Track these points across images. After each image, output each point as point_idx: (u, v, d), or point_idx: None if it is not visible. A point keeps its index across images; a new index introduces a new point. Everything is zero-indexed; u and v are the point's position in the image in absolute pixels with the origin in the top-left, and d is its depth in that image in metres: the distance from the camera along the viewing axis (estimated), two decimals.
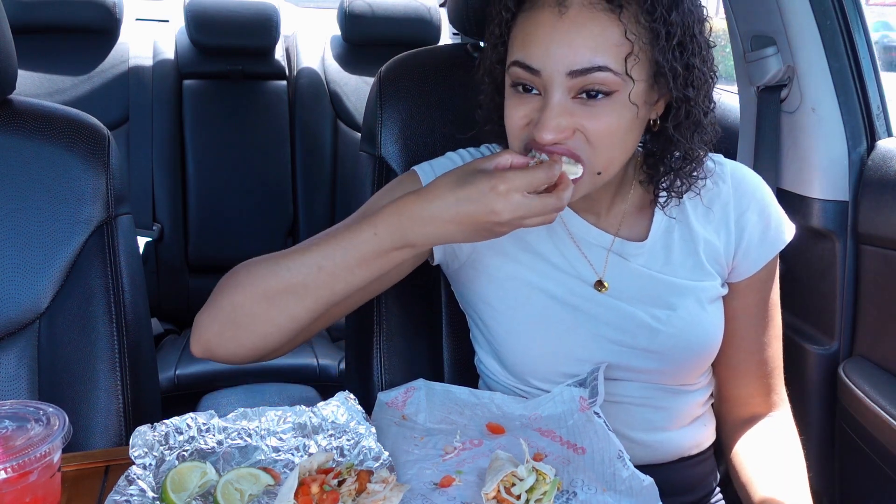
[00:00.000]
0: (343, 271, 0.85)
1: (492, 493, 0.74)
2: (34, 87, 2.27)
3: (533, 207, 0.79)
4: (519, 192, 0.78)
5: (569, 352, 0.96)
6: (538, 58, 0.83)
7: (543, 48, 0.83)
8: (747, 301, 1.02)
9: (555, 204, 0.80)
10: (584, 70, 0.81)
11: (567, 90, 0.83)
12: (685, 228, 0.99)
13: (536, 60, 0.83)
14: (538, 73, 0.83)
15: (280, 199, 2.44)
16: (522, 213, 0.79)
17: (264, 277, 0.87)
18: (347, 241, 0.84)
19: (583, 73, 0.81)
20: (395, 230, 0.82)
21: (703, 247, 0.99)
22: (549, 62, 0.82)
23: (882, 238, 1.24)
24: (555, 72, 0.82)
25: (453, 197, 0.80)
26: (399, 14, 2.54)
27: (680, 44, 0.84)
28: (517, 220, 0.79)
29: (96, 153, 1.10)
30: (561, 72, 0.82)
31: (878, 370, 1.23)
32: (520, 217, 0.79)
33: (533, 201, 0.79)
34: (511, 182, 0.78)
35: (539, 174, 0.79)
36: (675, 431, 1.01)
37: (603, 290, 0.97)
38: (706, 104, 0.90)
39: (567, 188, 0.81)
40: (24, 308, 1.06)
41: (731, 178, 1.01)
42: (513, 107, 0.88)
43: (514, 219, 0.79)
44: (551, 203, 0.80)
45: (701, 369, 1.01)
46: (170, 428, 0.81)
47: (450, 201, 0.80)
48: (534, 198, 0.79)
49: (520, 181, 0.78)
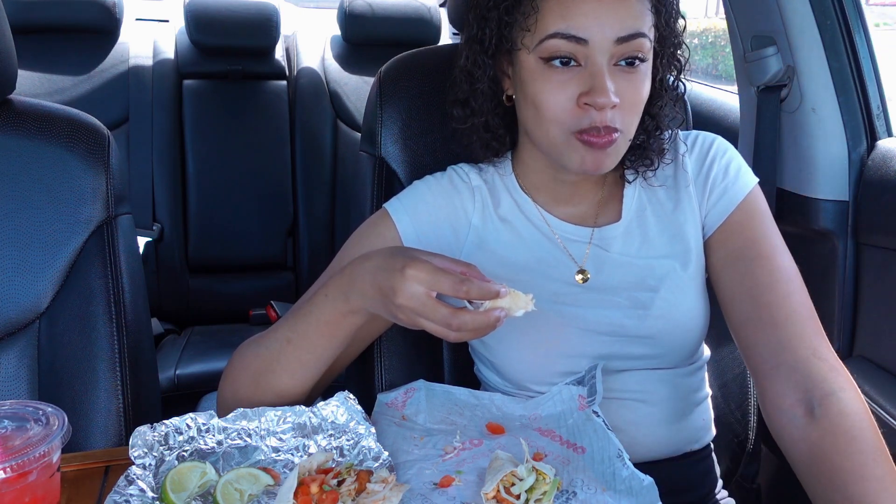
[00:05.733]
0: (306, 341, 0.88)
1: (491, 492, 0.74)
2: (34, 87, 2.27)
3: (426, 307, 0.76)
4: (421, 285, 0.76)
5: (561, 351, 0.97)
6: (585, 27, 0.85)
7: (593, 16, 0.85)
8: (734, 245, 0.97)
9: (446, 318, 0.76)
10: (630, 36, 0.86)
11: (611, 57, 0.86)
12: (655, 202, 1.01)
13: (583, 29, 0.85)
14: (584, 42, 0.85)
15: (280, 199, 2.45)
16: (416, 307, 0.76)
17: (250, 360, 0.91)
18: (307, 310, 0.88)
19: (628, 39, 0.86)
20: (341, 293, 0.85)
21: (677, 214, 1.00)
22: (597, 30, 0.85)
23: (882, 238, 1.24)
24: (603, 39, 0.85)
25: (375, 265, 0.81)
26: (399, 14, 2.54)
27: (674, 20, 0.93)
28: (412, 311, 0.77)
29: (96, 153, 1.10)
30: (610, 38, 0.85)
31: (878, 370, 1.23)
32: (413, 310, 0.77)
33: (428, 303, 0.76)
34: (420, 271, 0.76)
35: (445, 279, 0.76)
36: (674, 425, 1.01)
37: (585, 278, 0.98)
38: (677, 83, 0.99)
39: (481, 320, 0.76)
40: (24, 308, 1.06)
41: (692, 144, 1.03)
42: (553, 86, 0.87)
43: (408, 307, 0.77)
44: (443, 315, 0.76)
45: (694, 344, 1.01)
46: (169, 428, 0.81)
47: (371, 268, 0.81)
48: (433, 301, 0.76)
49: (426, 275, 0.76)
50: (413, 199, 1.01)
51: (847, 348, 1.32)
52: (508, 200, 1.03)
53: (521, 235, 1.01)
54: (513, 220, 1.02)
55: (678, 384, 1.01)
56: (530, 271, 0.99)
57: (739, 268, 0.96)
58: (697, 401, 1.04)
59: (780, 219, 1.31)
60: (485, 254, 1.00)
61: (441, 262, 0.79)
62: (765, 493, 1.40)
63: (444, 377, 1.15)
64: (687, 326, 0.98)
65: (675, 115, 1.00)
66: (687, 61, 0.98)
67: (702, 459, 1.05)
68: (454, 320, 0.76)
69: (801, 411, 0.84)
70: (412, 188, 1.04)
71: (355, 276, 0.83)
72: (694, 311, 0.98)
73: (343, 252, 1.01)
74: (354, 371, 1.17)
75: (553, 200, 1.02)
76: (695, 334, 1.00)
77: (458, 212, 1.02)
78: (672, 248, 0.99)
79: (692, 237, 1.00)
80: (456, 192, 1.02)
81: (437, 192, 1.02)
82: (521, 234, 1.01)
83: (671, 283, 0.97)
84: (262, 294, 2.32)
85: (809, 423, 0.83)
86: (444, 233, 1.01)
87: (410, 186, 1.04)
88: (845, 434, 0.80)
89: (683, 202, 1.01)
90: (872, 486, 0.76)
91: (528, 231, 1.01)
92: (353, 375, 1.19)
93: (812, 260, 1.34)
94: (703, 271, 1.01)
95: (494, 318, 0.77)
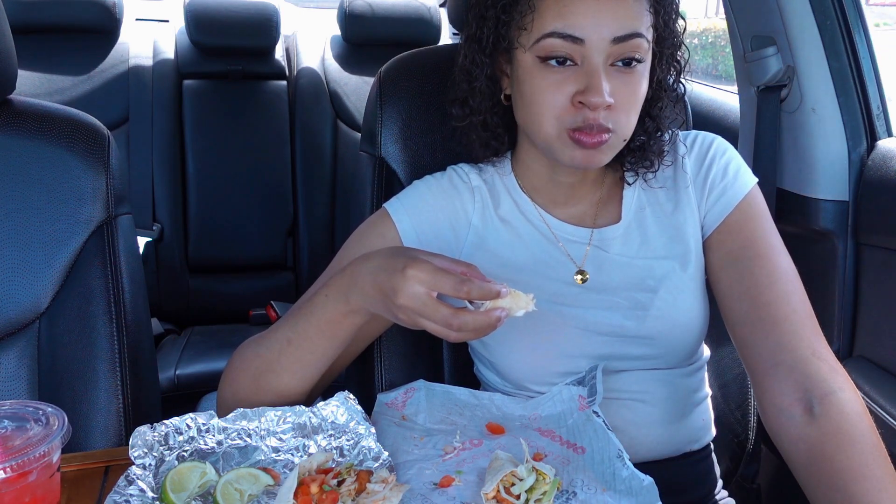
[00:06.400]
0: (306, 341, 0.88)
1: (491, 493, 0.74)
2: (34, 87, 2.27)
3: (427, 307, 0.76)
4: (422, 285, 0.76)
5: (560, 351, 0.97)
6: (582, 26, 0.85)
7: (590, 16, 0.85)
8: (733, 245, 0.98)
9: (447, 318, 0.76)
10: (627, 36, 0.85)
11: (607, 57, 0.86)
12: (655, 203, 1.01)
13: (580, 29, 0.85)
14: (581, 41, 0.85)
15: (280, 199, 2.45)
16: (417, 307, 0.76)
17: (251, 360, 0.91)
18: (307, 310, 0.88)
19: (624, 39, 0.85)
20: (342, 293, 0.85)
21: (676, 215, 1.00)
22: (593, 30, 0.85)
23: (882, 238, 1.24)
24: (600, 39, 0.85)
25: (376, 265, 0.81)
26: (399, 14, 2.54)
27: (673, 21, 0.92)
28: (412, 311, 0.77)
29: (96, 153, 1.10)
30: (606, 38, 0.85)
31: (878, 370, 1.23)
32: (413, 310, 0.77)
33: (429, 303, 0.76)
34: (421, 271, 0.76)
35: (446, 280, 0.75)
36: (674, 426, 1.01)
37: (584, 279, 0.98)
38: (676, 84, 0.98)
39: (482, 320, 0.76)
40: (24, 308, 1.06)
41: (691, 144, 1.03)
42: (549, 85, 0.87)
43: (408, 307, 0.77)
44: (444, 315, 0.76)
45: (694, 344, 1.00)
46: (169, 428, 0.81)
47: (372, 268, 0.81)
48: (434, 301, 0.76)
49: (427, 275, 0.76)
50: (413, 199, 1.01)
51: (847, 348, 1.32)
52: (508, 201, 1.03)
53: (520, 236, 1.01)
54: (512, 220, 1.02)
55: (678, 384, 1.01)
56: (529, 272, 0.99)
57: (738, 267, 0.96)
58: (697, 401, 1.04)
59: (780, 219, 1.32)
60: (484, 254, 1.00)
61: (442, 262, 0.79)
62: (765, 493, 1.40)
63: (444, 377, 1.15)
64: (686, 327, 0.98)
65: (676, 116, 1.00)
66: (687, 62, 0.98)
67: (702, 459, 1.05)
68: (455, 320, 0.76)
69: (799, 411, 0.84)
70: (412, 188, 1.04)
71: (356, 276, 0.83)
72: (693, 311, 0.98)
73: (343, 252, 1.01)
74: (354, 371, 1.17)
75: (552, 201, 1.02)
76: (694, 335, 1.00)
77: (458, 212, 1.02)
78: (671, 248, 0.99)
79: (691, 238, 1.00)
80: (456, 192, 1.02)
81: (437, 192, 1.02)
82: (521, 235, 1.01)
83: (670, 284, 0.97)
84: (262, 294, 2.33)
85: (808, 422, 0.83)
86: (443, 233, 1.01)
87: (410, 186, 1.04)
88: (845, 434, 0.80)
89: (683, 203, 1.01)
90: (872, 486, 0.76)
91: (528, 231, 1.01)
92: (353, 375, 1.19)
93: (812, 260, 1.34)
94: (702, 272, 1.01)
95: (495, 318, 0.77)
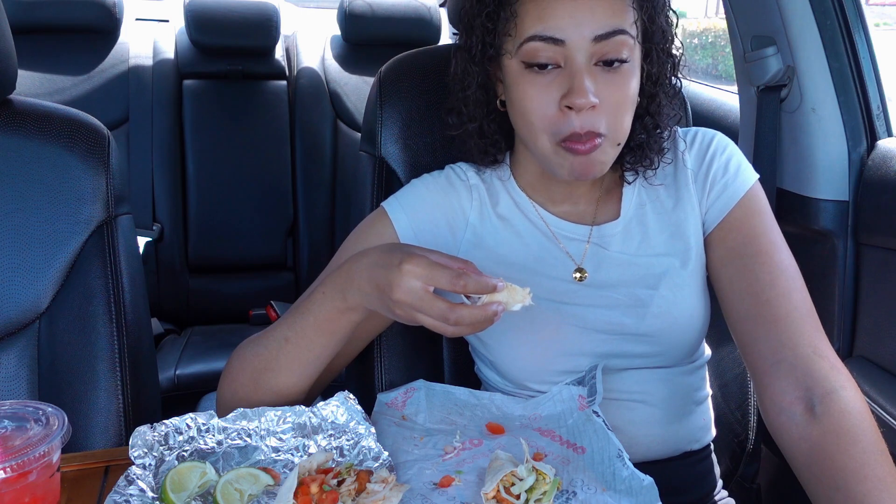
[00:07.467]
0: (304, 339, 0.88)
1: (491, 492, 0.74)
2: (34, 87, 2.27)
3: (424, 302, 0.76)
4: (418, 280, 0.76)
5: (560, 349, 0.96)
6: (561, 27, 0.84)
7: (568, 16, 0.84)
8: (734, 242, 0.97)
9: (443, 312, 0.75)
10: (608, 34, 0.84)
11: (590, 57, 0.85)
12: (655, 200, 1.01)
13: (559, 30, 0.84)
14: (561, 42, 0.85)
15: (280, 199, 2.45)
16: (413, 302, 0.76)
17: (250, 360, 0.91)
18: (305, 308, 0.88)
19: (606, 37, 0.84)
20: (338, 291, 0.85)
21: (676, 212, 1.00)
22: (573, 30, 0.84)
23: (882, 238, 1.24)
24: (580, 38, 0.84)
25: (371, 261, 0.81)
26: (399, 14, 2.54)
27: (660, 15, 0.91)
28: (409, 306, 0.77)
29: (96, 153, 1.10)
30: (587, 38, 0.84)
31: (878, 370, 1.23)
32: (410, 305, 0.77)
33: (425, 297, 0.76)
34: (417, 266, 0.76)
35: (442, 274, 0.75)
36: (674, 425, 1.01)
37: (583, 277, 0.98)
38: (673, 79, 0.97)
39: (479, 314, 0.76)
40: (24, 308, 1.06)
41: (692, 141, 1.03)
42: (536, 91, 0.87)
43: (405, 302, 0.77)
44: (441, 309, 0.76)
45: (694, 342, 1.00)
46: (169, 428, 0.81)
47: (368, 264, 0.81)
48: (430, 296, 0.76)
49: (423, 270, 0.76)
50: (410, 198, 1.01)
51: (847, 348, 1.32)
52: (506, 199, 1.03)
53: (519, 233, 1.01)
54: (511, 218, 1.02)
55: (678, 383, 1.01)
56: (528, 269, 0.99)
57: (739, 264, 0.96)
58: (698, 400, 1.04)
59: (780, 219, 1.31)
60: (482, 252, 1.00)
61: (438, 257, 0.79)
62: (765, 493, 1.40)
63: (444, 377, 1.15)
64: (686, 324, 0.98)
65: (675, 113, 0.99)
66: (681, 57, 0.97)
67: (702, 459, 1.05)
68: (452, 315, 0.76)
69: (801, 409, 0.84)
70: (410, 187, 1.04)
71: (352, 273, 0.83)
72: (693, 308, 0.98)
73: (341, 251, 1.01)
74: (354, 371, 1.17)
75: (550, 199, 1.02)
76: (694, 332, 0.99)
77: (456, 210, 1.02)
78: (671, 246, 0.99)
79: (692, 235, 1.00)
80: (453, 191, 1.02)
81: (435, 191, 1.02)
82: (520, 233, 1.01)
83: (670, 281, 0.97)
84: (262, 294, 2.33)
85: (810, 421, 0.83)
86: (441, 231, 1.01)
87: (408, 185, 1.04)
88: (847, 433, 0.80)
89: (683, 200, 1.00)
90: (874, 485, 0.76)
91: (527, 229, 1.01)
92: (353, 375, 1.19)
93: (812, 260, 1.34)
94: (703, 269, 1.01)
95: (492, 313, 0.77)
